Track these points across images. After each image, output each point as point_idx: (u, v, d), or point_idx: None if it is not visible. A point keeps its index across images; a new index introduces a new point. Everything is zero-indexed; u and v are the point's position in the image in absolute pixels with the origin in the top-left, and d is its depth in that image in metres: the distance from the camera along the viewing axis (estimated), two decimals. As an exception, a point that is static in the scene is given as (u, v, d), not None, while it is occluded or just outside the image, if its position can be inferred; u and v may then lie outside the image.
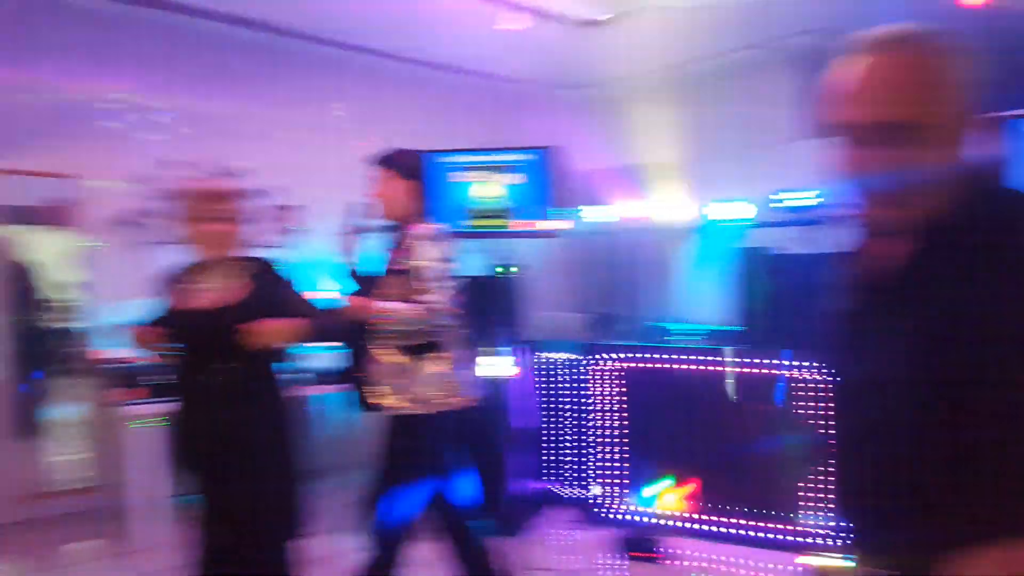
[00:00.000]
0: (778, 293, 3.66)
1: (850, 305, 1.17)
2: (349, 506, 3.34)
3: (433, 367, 2.57)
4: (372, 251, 2.80)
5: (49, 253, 4.39)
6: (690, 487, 3.68)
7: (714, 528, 3.62)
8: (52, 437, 4.55)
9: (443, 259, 2.59)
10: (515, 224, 3.62)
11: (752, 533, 3.56)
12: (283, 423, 2.34)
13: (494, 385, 3.87)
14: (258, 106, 4.87)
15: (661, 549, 3.55)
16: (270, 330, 2.19)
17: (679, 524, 3.70)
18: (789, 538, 3.42)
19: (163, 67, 4.51)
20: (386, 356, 2.56)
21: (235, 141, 4.72)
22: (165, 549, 3.72)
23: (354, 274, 2.77)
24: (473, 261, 5.56)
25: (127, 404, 3.82)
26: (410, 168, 2.77)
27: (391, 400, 2.56)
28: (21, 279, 4.25)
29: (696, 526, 3.66)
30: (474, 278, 4.56)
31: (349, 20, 4.60)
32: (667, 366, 3.82)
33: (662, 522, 3.75)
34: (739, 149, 5.04)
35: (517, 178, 3.64)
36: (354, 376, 2.73)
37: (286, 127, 4.95)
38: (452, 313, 2.57)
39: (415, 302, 2.49)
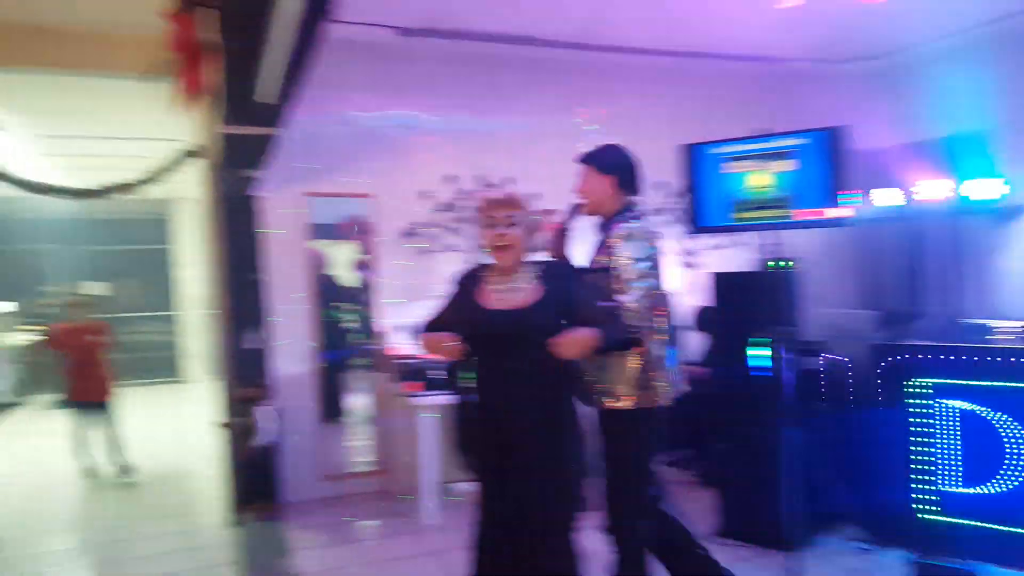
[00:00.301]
0: None
1: None
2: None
3: (632, 364, 2.55)
4: (579, 249, 2.77)
5: (349, 262, 4.99)
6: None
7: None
8: (350, 423, 5.20)
9: (642, 258, 2.53)
10: (797, 213, 3.31)
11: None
12: (572, 419, 2.42)
13: (769, 387, 3.58)
14: (527, 116, 5.09)
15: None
16: (575, 342, 2.25)
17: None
18: None
19: (440, 89, 4.90)
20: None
21: (506, 152, 5.02)
22: (451, 529, 4.06)
23: None
24: (743, 255, 5.30)
25: (414, 395, 4.19)
26: (609, 163, 2.72)
27: (616, 396, 2.58)
28: (328, 286, 4.90)
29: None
30: (744, 274, 4.35)
31: (616, 22, 4.61)
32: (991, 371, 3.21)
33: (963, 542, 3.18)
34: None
35: (797, 164, 3.32)
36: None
37: (551, 135, 5.10)
38: (649, 314, 2.52)
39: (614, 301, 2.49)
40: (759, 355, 3.53)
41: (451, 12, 4.40)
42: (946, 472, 3.32)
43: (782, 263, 3.74)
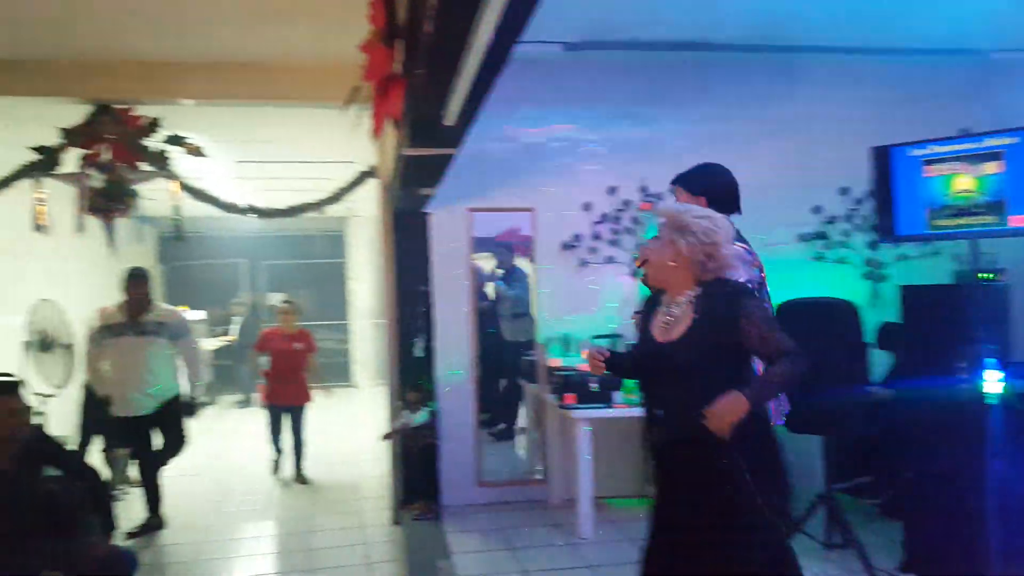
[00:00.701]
0: None
1: None
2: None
3: None
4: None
5: (509, 274, 5.12)
6: None
7: None
8: (511, 432, 5.30)
9: (751, 281, 2.44)
10: (1013, 220, 2.98)
11: None
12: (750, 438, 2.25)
13: (972, 411, 3.23)
14: (683, 126, 4.96)
15: None
16: (724, 412, 2.08)
17: None
18: None
19: (601, 102, 4.90)
20: None
21: (664, 161, 4.91)
22: (606, 543, 4.04)
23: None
24: (945, 266, 4.84)
25: (571, 407, 4.21)
26: (700, 183, 2.70)
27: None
28: (485, 299, 5.03)
29: None
30: (937, 287, 3.97)
31: (783, 20, 4.40)
32: None
33: None
34: None
35: (1010, 165, 3.00)
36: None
37: (709, 142, 4.94)
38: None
39: None
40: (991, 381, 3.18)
41: (616, 23, 4.39)
42: None
43: (986, 275, 3.39)
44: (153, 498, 4.57)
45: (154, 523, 4.55)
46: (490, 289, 5.12)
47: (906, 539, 3.63)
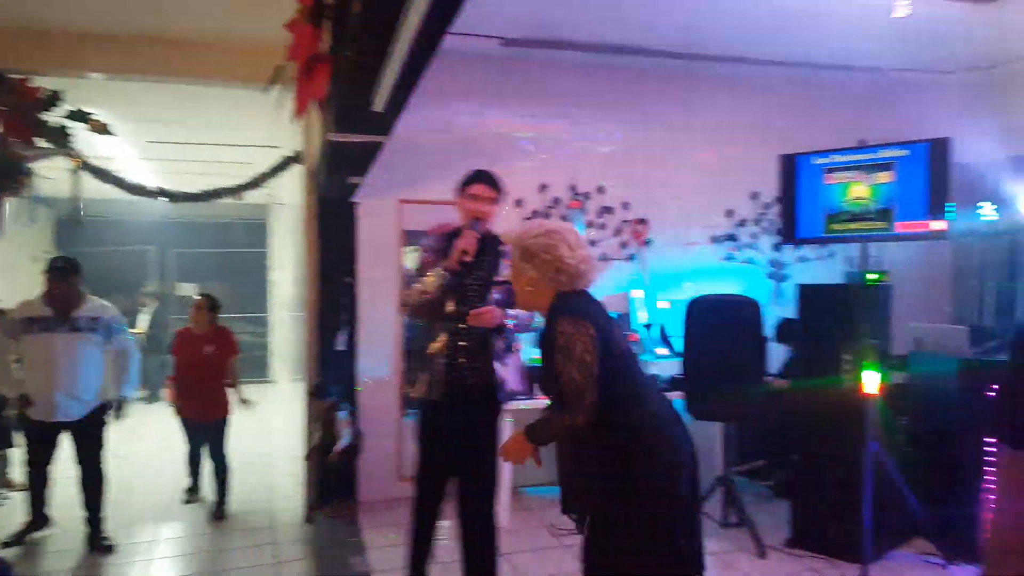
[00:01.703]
0: None
1: None
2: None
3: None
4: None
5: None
6: None
7: None
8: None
9: None
10: (900, 226, 3.25)
11: None
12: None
13: (854, 401, 3.52)
14: (613, 127, 5.14)
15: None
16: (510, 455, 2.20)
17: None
18: None
19: (537, 100, 5.00)
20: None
21: (591, 162, 5.08)
22: (521, 532, 4.13)
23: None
24: (838, 267, 5.19)
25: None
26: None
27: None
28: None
29: None
30: (831, 286, 4.27)
31: (708, 31, 4.63)
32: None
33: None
34: None
35: (900, 175, 3.27)
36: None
37: (638, 144, 5.14)
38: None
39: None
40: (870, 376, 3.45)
41: (555, 22, 4.48)
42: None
43: (874, 276, 3.67)
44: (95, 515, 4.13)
45: (36, 525, 4.17)
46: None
47: (793, 517, 3.92)
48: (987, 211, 4.93)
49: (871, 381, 3.45)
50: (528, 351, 4.65)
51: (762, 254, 5.34)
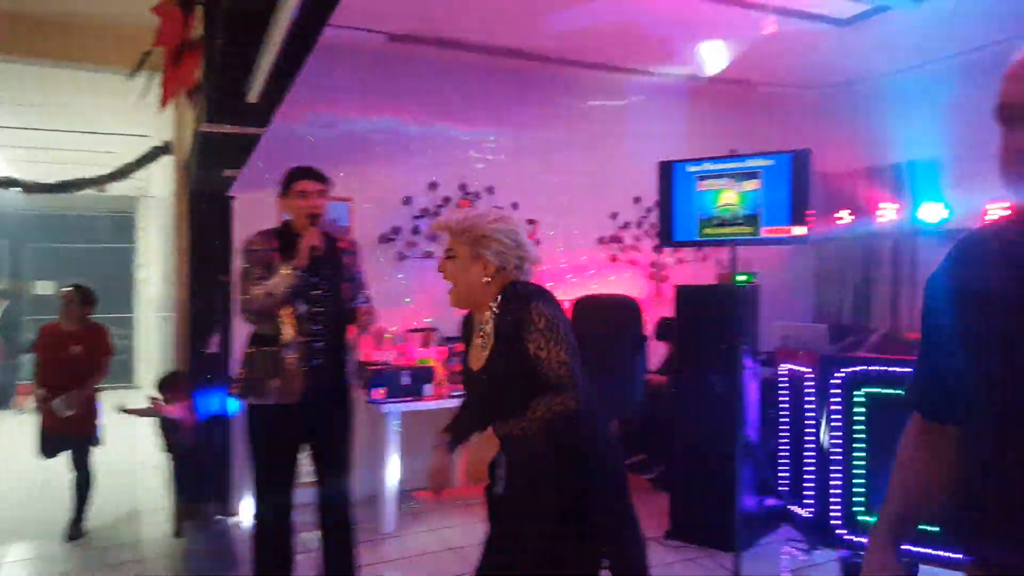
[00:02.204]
0: None
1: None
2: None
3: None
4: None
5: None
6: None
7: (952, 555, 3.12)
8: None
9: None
10: (766, 231, 3.46)
11: None
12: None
13: (723, 398, 3.72)
14: (504, 128, 5.18)
15: None
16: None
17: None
18: None
19: (424, 97, 4.95)
20: None
21: (482, 162, 5.10)
22: (407, 536, 4.08)
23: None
24: (708, 269, 5.46)
25: (380, 402, 4.19)
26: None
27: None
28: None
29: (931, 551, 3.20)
30: (705, 287, 4.51)
31: (596, 39, 4.75)
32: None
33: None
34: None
35: (765, 184, 3.48)
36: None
37: (527, 146, 5.20)
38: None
39: None
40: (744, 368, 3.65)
41: (442, 22, 4.46)
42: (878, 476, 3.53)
43: (744, 277, 3.90)
44: None
45: None
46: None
47: (672, 509, 4.08)
48: (845, 217, 5.34)
49: (741, 377, 3.66)
50: (417, 352, 4.63)
51: (644, 256, 5.54)
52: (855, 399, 3.67)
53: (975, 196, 4.46)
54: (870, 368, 3.66)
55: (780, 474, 4.15)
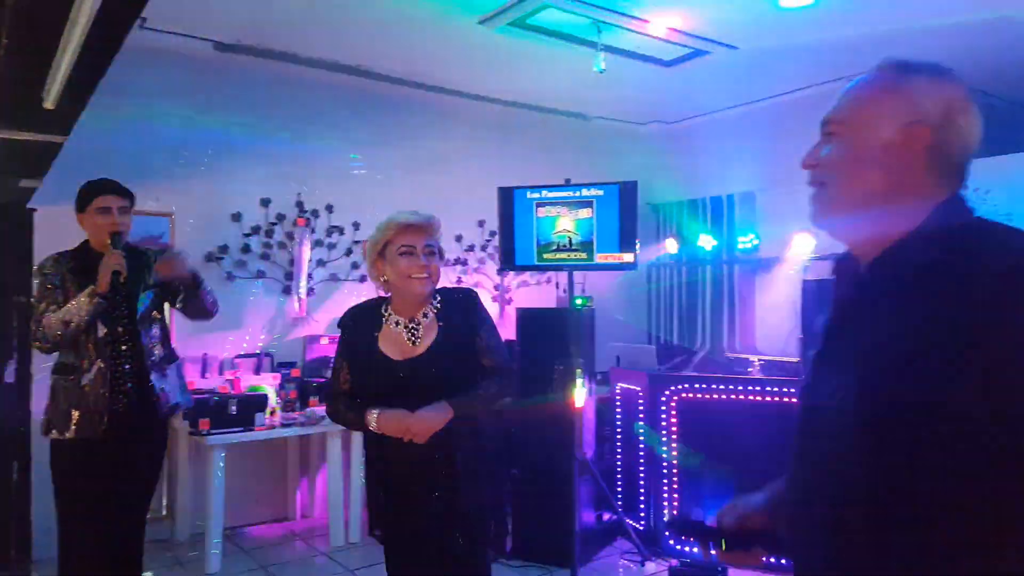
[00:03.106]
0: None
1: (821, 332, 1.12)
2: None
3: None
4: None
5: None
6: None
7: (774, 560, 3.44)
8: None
9: None
10: (599, 257, 3.63)
11: None
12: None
13: (565, 415, 3.84)
14: (343, 146, 5.05)
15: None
16: (429, 423, 2.08)
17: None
18: None
19: (255, 109, 4.73)
20: None
21: (321, 178, 4.94)
22: (240, 574, 3.83)
23: None
24: (552, 293, 5.61)
25: (208, 433, 3.91)
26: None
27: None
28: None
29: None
30: (544, 310, 4.64)
31: (438, 63, 4.79)
32: (726, 397, 3.84)
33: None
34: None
35: (598, 212, 3.66)
36: None
37: (368, 165, 5.11)
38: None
39: None
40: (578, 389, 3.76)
41: (274, 34, 4.32)
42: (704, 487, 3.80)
43: (581, 301, 4.06)
44: None
45: None
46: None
47: (512, 528, 4.09)
48: (672, 246, 5.75)
49: (578, 396, 3.79)
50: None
51: (489, 278, 5.62)
52: (674, 414, 3.92)
53: (784, 227, 4.99)
54: (694, 385, 3.94)
55: (617, 489, 4.33)
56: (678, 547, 3.88)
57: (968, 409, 0.84)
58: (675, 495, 3.94)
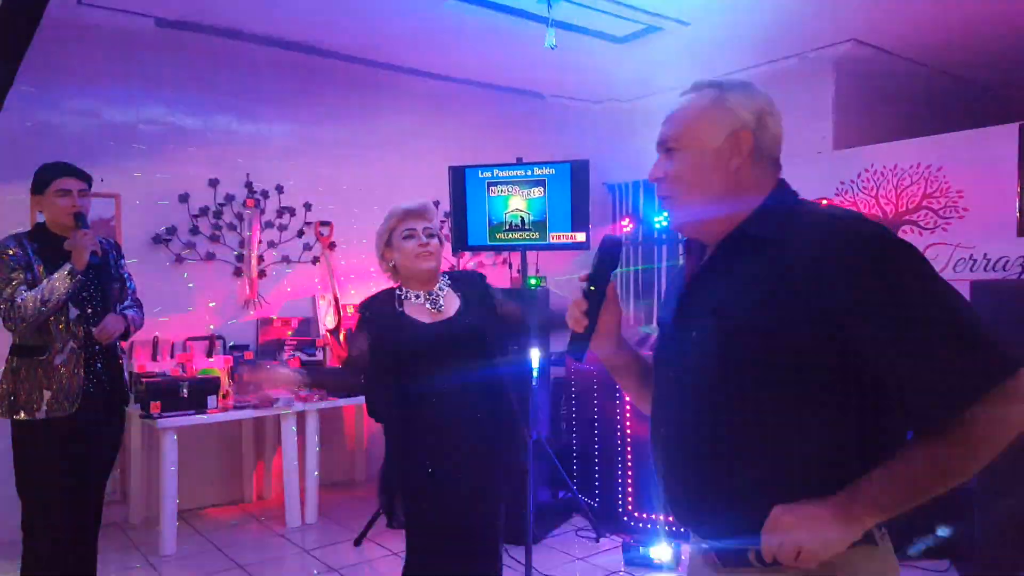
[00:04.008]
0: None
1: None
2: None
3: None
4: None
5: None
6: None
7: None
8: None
9: None
10: (552, 236, 3.64)
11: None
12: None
13: (519, 395, 3.86)
14: (292, 125, 4.97)
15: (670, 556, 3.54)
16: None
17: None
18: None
19: (202, 88, 4.61)
20: None
21: (271, 158, 4.85)
22: (195, 556, 3.81)
23: None
24: (504, 273, 5.62)
25: (156, 416, 3.86)
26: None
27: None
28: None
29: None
30: (504, 290, 4.64)
31: (389, 39, 4.70)
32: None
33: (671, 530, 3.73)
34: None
35: (550, 191, 3.66)
36: None
37: (318, 144, 5.03)
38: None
39: None
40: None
41: (219, 10, 4.20)
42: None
43: (535, 280, 4.08)
44: None
45: None
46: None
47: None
48: (628, 225, 5.77)
49: (533, 376, 3.82)
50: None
51: (444, 260, 5.58)
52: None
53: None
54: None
55: (573, 467, 4.38)
56: (631, 524, 3.95)
57: (809, 340, 1.05)
58: (629, 472, 4.00)
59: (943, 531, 3.28)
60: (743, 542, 1.11)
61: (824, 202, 3.61)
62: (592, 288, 1.28)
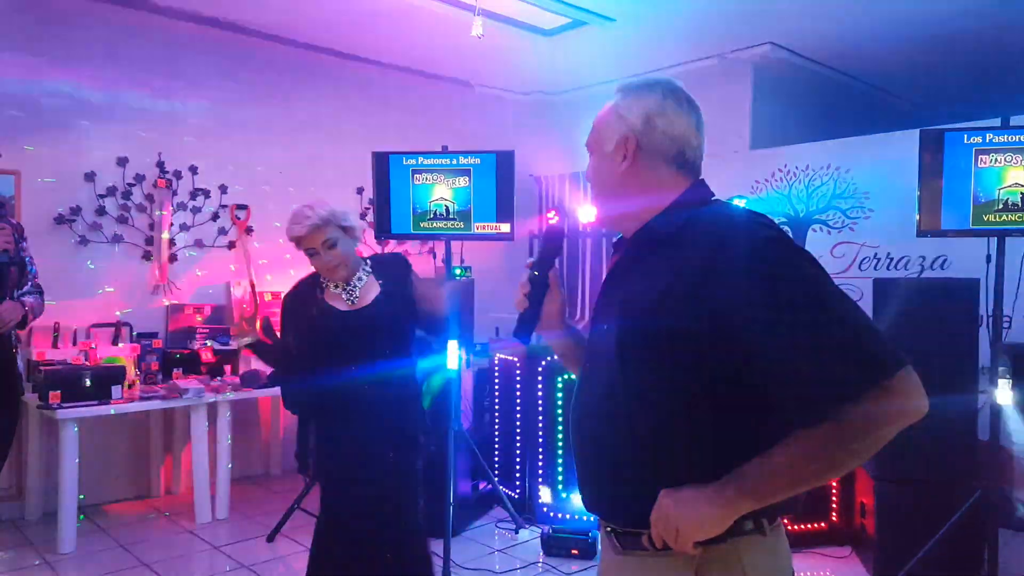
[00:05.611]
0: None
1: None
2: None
3: None
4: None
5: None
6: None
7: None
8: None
9: None
10: (477, 227, 3.62)
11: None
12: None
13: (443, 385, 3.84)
14: (209, 105, 4.77)
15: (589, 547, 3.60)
16: None
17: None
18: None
19: (111, 62, 4.37)
20: None
21: (185, 137, 4.64)
22: (96, 553, 3.63)
23: None
24: (429, 262, 5.58)
25: (56, 406, 3.66)
26: None
27: None
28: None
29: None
30: (429, 280, 4.60)
31: (312, 19, 4.57)
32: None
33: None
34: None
35: (475, 181, 3.64)
36: None
37: (236, 125, 4.85)
38: None
39: None
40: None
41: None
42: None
43: (460, 270, 4.05)
44: None
45: None
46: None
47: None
48: (553, 218, 5.82)
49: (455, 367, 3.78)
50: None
51: (369, 248, 5.49)
52: (557, 385, 3.99)
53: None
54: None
55: (495, 459, 4.38)
56: (551, 515, 3.99)
57: (699, 335, 1.09)
58: (547, 463, 4.03)
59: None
60: (638, 526, 1.16)
61: (741, 202, 3.73)
62: (536, 273, 1.36)
